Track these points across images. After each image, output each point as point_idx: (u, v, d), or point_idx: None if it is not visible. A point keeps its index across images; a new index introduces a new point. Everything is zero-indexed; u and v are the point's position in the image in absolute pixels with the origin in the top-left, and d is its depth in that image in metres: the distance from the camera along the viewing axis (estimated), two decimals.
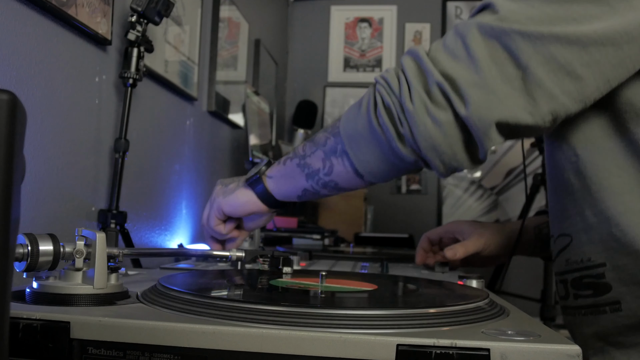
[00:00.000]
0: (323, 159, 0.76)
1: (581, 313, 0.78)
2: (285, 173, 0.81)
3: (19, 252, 0.53)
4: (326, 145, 0.75)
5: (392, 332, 0.47)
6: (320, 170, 0.76)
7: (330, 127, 0.76)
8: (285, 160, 0.82)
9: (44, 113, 1.08)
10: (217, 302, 0.51)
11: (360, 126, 0.70)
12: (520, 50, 0.62)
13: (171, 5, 1.31)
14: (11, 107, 0.37)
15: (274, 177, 0.83)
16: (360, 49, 3.67)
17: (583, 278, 0.77)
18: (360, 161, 0.72)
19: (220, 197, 0.87)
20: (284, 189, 0.82)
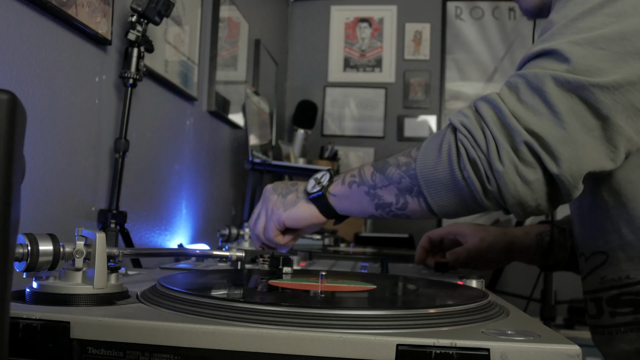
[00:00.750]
0: (397, 194, 0.75)
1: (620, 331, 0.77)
2: (351, 196, 0.80)
3: (19, 252, 0.53)
4: (400, 184, 0.74)
5: (392, 332, 0.47)
6: (392, 204, 0.76)
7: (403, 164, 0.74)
8: (350, 182, 0.80)
9: (44, 113, 1.08)
10: (217, 302, 0.51)
11: (441, 174, 0.69)
12: (600, 103, 0.62)
13: (171, 5, 1.31)
14: (11, 107, 0.37)
15: (337, 196, 0.82)
16: (360, 49, 3.67)
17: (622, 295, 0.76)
18: (438, 205, 0.71)
19: (280, 210, 0.85)
20: (349, 209, 0.82)
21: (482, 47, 3.60)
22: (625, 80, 0.62)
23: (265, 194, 0.89)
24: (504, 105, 0.65)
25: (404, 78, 3.62)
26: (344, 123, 3.66)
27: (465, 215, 0.74)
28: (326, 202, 0.82)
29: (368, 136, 3.61)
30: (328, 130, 3.65)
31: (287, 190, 0.88)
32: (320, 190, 0.82)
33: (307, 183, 0.85)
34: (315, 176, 0.85)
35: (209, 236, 2.03)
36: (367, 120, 3.63)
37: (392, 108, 3.62)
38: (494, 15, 3.61)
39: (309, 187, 0.84)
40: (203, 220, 2.02)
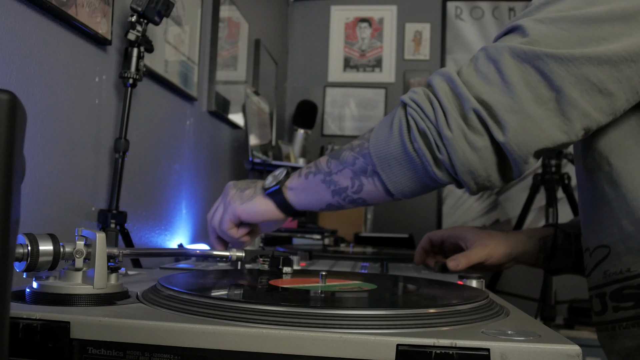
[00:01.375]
0: (352, 177, 0.75)
1: (622, 326, 0.76)
2: (308, 187, 0.81)
3: (19, 252, 0.53)
4: (355, 165, 0.74)
5: (392, 332, 0.47)
6: (348, 188, 0.76)
7: (357, 145, 0.75)
8: (307, 174, 0.81)
9: (44, 113, 1.08)
10: (217, 302, 0.51)
11: (393, 149, 0.70)
12: (554, 73, 0.63)
13: (171, 5, 1.31)
14: (11, 107, 0.37)
15: (295, 189, 0.82)
16: (360, 49, 3.67)
17: (624, 289, 0.75)
18: (392, 182, 0.72)
19: (236, 203, 0.86)
20: (306, 201, 0.82)
21: None
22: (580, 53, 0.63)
23: (226, 189, 0.90)
24: (456, 76, 0.67)
25: (404, 78, 3.62)
26: (344, 123, 3.66)
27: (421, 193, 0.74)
28: (282, 197, 0.83)
29: None
30: (328, 130, 3.65)
31: (246, 186, 0.89)
32: (277, 184, 0.83)
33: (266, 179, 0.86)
34: (273, 173, 0.86)
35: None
36: (367, 120, 3.63)
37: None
38: (494, 15, 3.61)
39: (266, 183, 0.85)
40: (203, 220, 2.02)
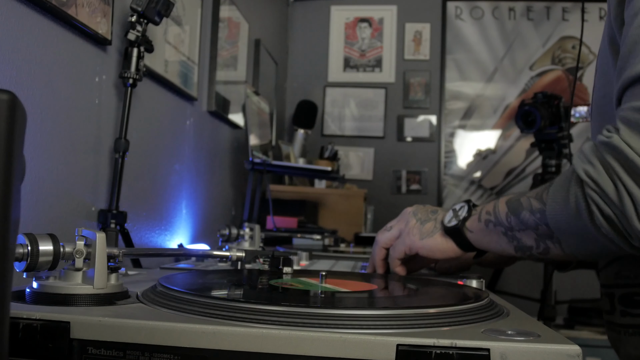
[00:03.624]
0: (536, 239, 0.71)
1: (628, 332, 0.75)
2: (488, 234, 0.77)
3: (19, 252, 0.53)
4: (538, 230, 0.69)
5: (392, 332, 0.47)
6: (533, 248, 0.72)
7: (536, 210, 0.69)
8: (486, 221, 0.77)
9: (44, 113, 1.08)
10: (217, 302, 0.51)
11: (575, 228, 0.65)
12: None
13: (171, 5, 1.31)
14: (11, 107, 0.37)
15: (474, 232, 0.79)
16: (360, 49, 3.67)
17: (634, 295, 0.73)
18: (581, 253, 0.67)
19: (416, 237, 0.83)
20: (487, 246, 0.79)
21: (482, 47, 3.60)
22: None
23: (405, 215, 0.87)
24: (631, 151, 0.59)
25: (404, 78, 3.62)
26: (344, 123, 3.66)
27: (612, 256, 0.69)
28: (464, 237, 0.80)
29: (368, 136, 3.61)
30: (328, 130, 3.65)
31: (426, 217, 0.85)
32: (457, 224, 0.80)
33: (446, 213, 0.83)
34: (454, 207, 0.82)
35: (209, 236, 2.04)
36: (367, 120, 3.63)
37: (392, 108, 3.62)
38: (494, 15, 3.60)
39: (446, 219, 0.82)
40: (203, 220, 2.02)
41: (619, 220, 0.60)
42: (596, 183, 0.61)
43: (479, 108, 3.59)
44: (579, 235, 0.64)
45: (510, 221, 0.72)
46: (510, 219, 0.72)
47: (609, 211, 0.60)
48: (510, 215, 0.72)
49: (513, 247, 0.73)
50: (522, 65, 3.56)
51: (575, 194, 0.63)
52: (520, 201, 0.71)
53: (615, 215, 0.60)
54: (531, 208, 0.69)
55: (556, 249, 0.68)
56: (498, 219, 0.74)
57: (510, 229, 0.73)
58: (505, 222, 0.73)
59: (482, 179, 3.55)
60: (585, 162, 0.63)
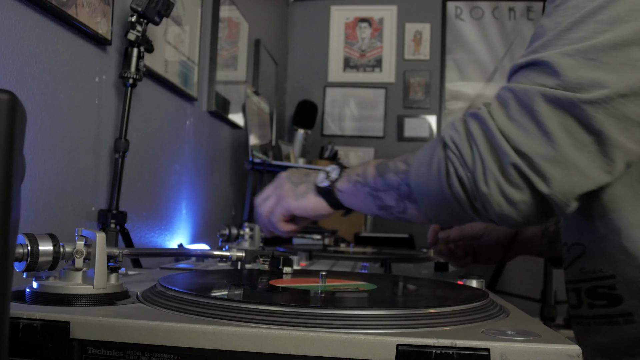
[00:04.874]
0: (397, 200, 0.77)
1: (597, 322, 0.78)
2: (356, 194, 0.83)
3: (19, 252, 0.53)
4: (400, 190, 0.76)
5: (392, 332, 0.47)
6: (393, 207, 0.79)
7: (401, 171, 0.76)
8: (355, 182, 0.83)
9: (44, 113, 1.08)
10: (217, 302, 0.51)
11: (432, 189, 0.71)
12: (592, 118, 0.61)
13: (171, 5, 1.31)
14: (11, 107, 0.37)
15: (344, 192, 0.85)
16: (360, 49, 3.67)
17: (597, 288, 0.76)
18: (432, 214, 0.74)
19: (290, 199, 0.89)
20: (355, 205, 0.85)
21: (482, 47, 3.60)
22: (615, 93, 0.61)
23: (279, 180, 0.93)
24: (493, 123, 0.65)
25: (404, 78, 3.62)
26: (344, 123, 3.66)
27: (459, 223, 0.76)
28: (334, 197, 0.86)
29: (368, 136, 3.61)
30: (328, 130, 3.65)
31: (299, 180, 0.91)
32: (329, 185, 0.86)
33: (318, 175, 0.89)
34: (326, 169, 0.88)
35: (209, 236, 2.04)
36: (367, 120, 3.63)
37: (392, 108, 3.62)
38: (494, 15, 3.61)
39: (318, 180, 0.88)
40: (203, 220, 2.02)
41: (469, 182, 0.66)
42: (457, 147, 0.68)
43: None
44: (434, 196, 0.71)
45: (377, 182, 0.79)
46: (376, 180, 0.80)
47: (462, 173, 0.67)
48: (377, 177, 0.80)
49: (377, 205, 0.81)
50: None
51: (438, 156, 0.70)
52: (388, 164, 0.79)
53: (466, 177, 0.67)
54: (396, 169, 0.77)
55: (413, 209, 0.76)
56: (366, 180, 0.81)
57: (375, 189, 0.80)
58: (372, 183, 0.80)
59: None
60: (452, 129, 0.70)
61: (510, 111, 0.65)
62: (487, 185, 0.65)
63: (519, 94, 0.64)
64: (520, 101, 0.64)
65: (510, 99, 0.65)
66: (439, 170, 0.69)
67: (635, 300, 0.72)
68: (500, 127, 0.64)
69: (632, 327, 0.72)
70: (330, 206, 0.87)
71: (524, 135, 0.63)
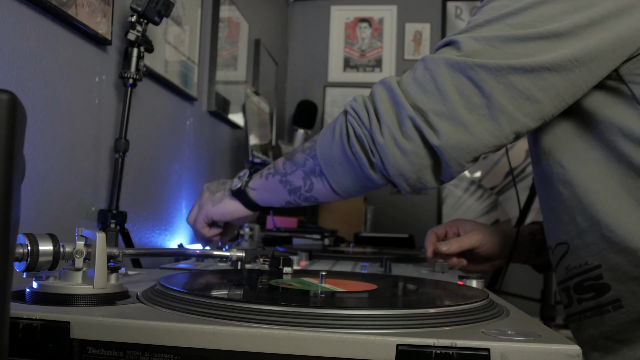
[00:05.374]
0: (303, 177, 0.83)
1: (587, 316, 0.82)
2: (268, 187, 0.89)
3: (19, 252, 0.53)
4: (305, 166, 0.82)
5: (392, 332, 0.47)
6: (301, 187, 0.84)
7: (307, 148, 0.83)
8: (266, 175, 0.89)
9: (44, 113, 1.08)
10: (217, 302, 0.51)
11: (335, 152, 0.77)
12: (484, 82, 0.69)
13: (171, 5, 1.31)
14: (11, 107, 0.37)
15: (257, 189, 0.91)
16: (360, 49, 3.67)
17: (584, 282, 0.81)
18: (336, 182, 0.80)
19: (208, 206, 0.97)
20: (268, 200, 0.91)
21: None
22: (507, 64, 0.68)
23: (201, 192, 1.01)
24: (396, 85, 0.74)
25: None
26: None
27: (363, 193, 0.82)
28: (247, 197, 0.92)
29: None
30: None
31: (216, 188, 0.99)
32: (240, 186, 0.92)
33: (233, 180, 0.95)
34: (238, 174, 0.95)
35: None
36: None
37: None
38: None
39: (233, 185, 0.94)
40: None
41: (366, 139, 0.73)
42: (355, 111, 0.76)
43: None
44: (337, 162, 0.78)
45: (285, 166, 0.86)
46: (285, 164, 0.86)
47: (360, 131, 0.74)
48: (286, 161, 0.86)
49: (287, 191, 0.86)
50: None
51: (340, 122, 0.78)
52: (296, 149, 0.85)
53: (364, 134, 0.74)
54: (303, 148, 0.83)
55: (318, 183, 0.82)
56: (276, 169, 0.88)
57: (284, 174, 0.86)
58: (281, 169, 0.87)
59: (482, 179, 3.55)
60: (352, 100, 0.78)
61: (416, 74, 0.74)
62: (383, 136, 0.71)
63: (427, 61, 0.74)
64: (426, 66, 0.73)
65: (419, 65, 0.75)
66: (341, 134, 0.77)
67: (621, 285, 0.76)
68: (403, 87, 0.73)
69: (622, 312, 0.77)
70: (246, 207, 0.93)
71: (422, 93, 0.71)
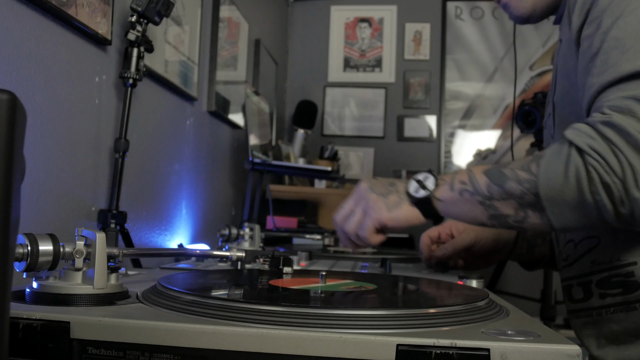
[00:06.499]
0: (516, 209, 0.75)
1: (610, 311, 0.82)
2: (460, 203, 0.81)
3: (19, 252, 0.53)
4: (523, 199, 0.74)
5: (392, 332, 0.47)
6: (510, 216, 0.76)
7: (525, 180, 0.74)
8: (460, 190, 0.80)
9: (44, 113, 1.08)
10: (217, 302, 0.51)
11: (568, 197, 0.70)
12: None
13: (171, 5, 1.31)
14: (11, 107, 0.37)
15: (445, 202, 0.82)
16: (360, 49, 3.67)
17: (611, 277, 0.81)
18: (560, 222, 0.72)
19: (383, 211, 0.85)
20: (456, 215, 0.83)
21: (482, 47, 3.60)
22: None
23: (361, 192, 0.89)
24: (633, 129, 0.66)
25: (404, 78, 3.62)
26: (344, 123, 3.66)
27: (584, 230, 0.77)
28: (431, 207, 0.83)
29: (368, 136, 3.61)
30: (328, 130, 3.65)
31: (386, 191, 0.87)
32: (427, 195, 0.83)
33: (408, 184, 0.86)
34: (416, 177, 0.85)
35: (209, 236, 2.03)
36: (367, 120, 3.63)
37: (392, 108, 3.62)
38: (494, 15, 3.60)
39: (411, 190, 0.84)
40: (203, 220, 2.02)
41: (617, 188, 0.66)
42: (598, 154, 0.67)
43: (479, 108, 3.59)
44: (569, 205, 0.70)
45: (492, 190, 0.77)
46: (491, 188, 0.77)
47: (608, 179, 0.66)
48: (492, 185, 0.77)
49: (487, 215, 0.78)
50: (522, 65, 3.56)
51: (576, 163, 0.69)
52: (504, 172, 0.76)
53: (614, 183, 0.66)
54: (518, 179, 0.74)
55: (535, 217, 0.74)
56: (476, 189, 0.78)
57: (489, 198, 0.77)
58: (484, 192, 0.77)
59: None
60: (585, 136, 0.69)
61: None
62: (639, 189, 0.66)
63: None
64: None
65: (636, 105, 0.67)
66: (578, 178, 0.68)
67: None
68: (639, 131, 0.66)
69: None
70: (424, 216, 0.84)
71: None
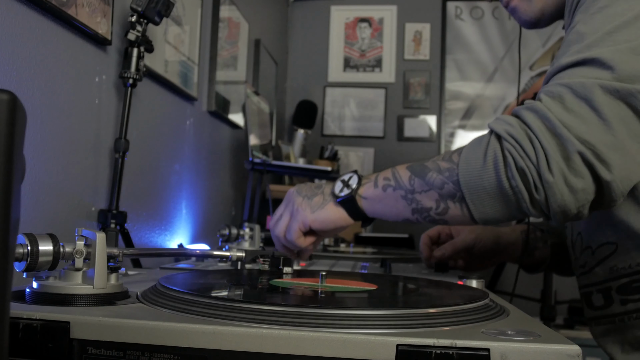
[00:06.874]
0: (437, 200, 0.74)
1: (632, 317, 0.81)
2: (384, 199, 0.79)
3: (19, 252, 0.53)
4: (443, 189, 0.73)
5: (392, 332, 0.47)
6: (431, 209, 0.76)
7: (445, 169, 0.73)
8: (384, 186, 0.79)
9: (44, 113, 1.08)
10: (217, 302, 0.51)
11: (487, 183, 0.70)
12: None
13: (171, 5, 1.31)
14: (11, 107, 0.37)
15: (369, 199, 0.81)
16: (360, 49, 3.67)
17: (632, 283, 0.79)
18: (480, 212, 0.72)
19: (307, 212, 0.84)
20: (381, 212, 0.81)
21: (482, 47, 3.60)
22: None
23: (289, 196, 0.88)
24: (552, 114, 0.66)
25: (404, 78, 3.61)
26: (344, 123, 3.66)
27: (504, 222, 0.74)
28: (355, 205, 0.81)
29: (368, 136, 3.61)
30: (328, 130, 3.65)
31: (312, 193, 0.87)
32: (350, 193, 0.81)
33: (333, 185, 0.84)
34: (342, 178, 0.84)
35: (209, 236, 2.03)
36: (367, 120, 3.63)
37: (392, 108, 3.62)
38: (494, 15, 3.60)
39: (336, 190, 0.83)
40: (203, 220, 2.02)
41: (531, 173, 0.66)
42: (514, 139, 0.67)
43: (479, 108, 3.59)
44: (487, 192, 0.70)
45: (413, 183, 0.76)
46: (413, 181, 0.76)
47: (523, 164, 0.66)
48: (413, 177, 0.76)
49: (410, 209, 0.77)
50: (522, 65, 3.56)
51: (494, 149, 0.69)
52: (425, 164, 0.76)
53: (528, 168, 0.66)
54: (439, 168, 0.74)
55: (455, 208, 0.73)
56: (399, 183, 0.78)
57: (411, 191, 0.76)
58: (407, 185, 0.77)
59: None
60: (504, 123, 0.70)
61: (567, 103, 0.66)
62: (552, 174, 0.65)
63: (575, 87, 0.66)
64: (577, 93, 0.66)
65: (566, 92, 0.67)
66: (496, 163, 0.68)
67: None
68: (560, 117, 0.66)
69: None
70: (350, 216, 0.83)
71: (584, 124, 0.65)
